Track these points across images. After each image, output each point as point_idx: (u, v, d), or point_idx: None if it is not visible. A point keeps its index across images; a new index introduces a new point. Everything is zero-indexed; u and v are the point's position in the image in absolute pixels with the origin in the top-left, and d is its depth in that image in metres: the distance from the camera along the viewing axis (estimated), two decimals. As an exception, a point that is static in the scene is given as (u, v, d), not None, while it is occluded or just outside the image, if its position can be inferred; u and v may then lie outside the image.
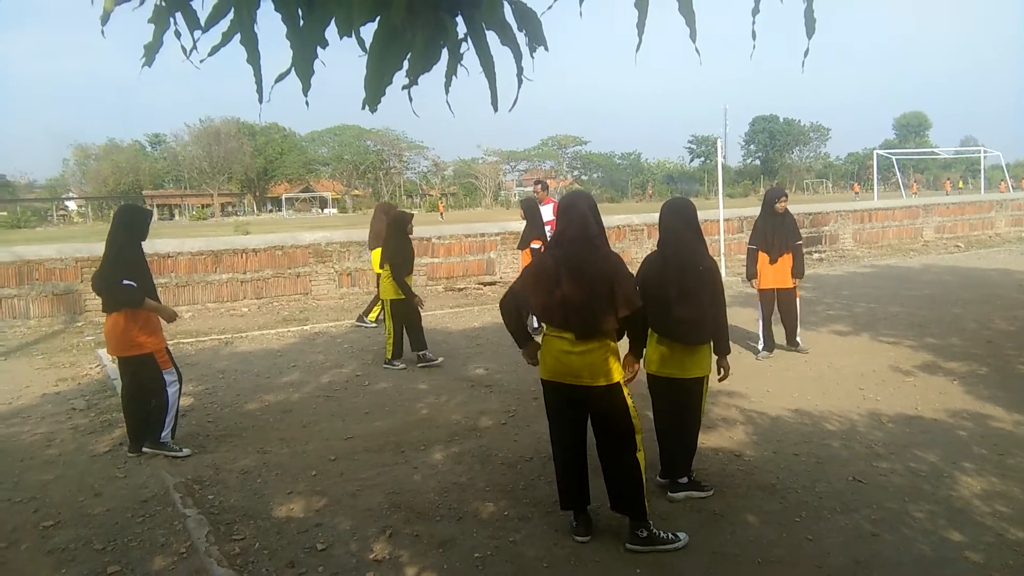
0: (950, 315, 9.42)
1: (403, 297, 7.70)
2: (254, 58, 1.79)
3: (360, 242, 12.65)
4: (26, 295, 10.50)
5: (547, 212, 9.90)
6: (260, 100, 1.83)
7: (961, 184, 57.17)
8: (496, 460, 5.00)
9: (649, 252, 4.48)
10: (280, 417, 6.14)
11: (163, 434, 5.24)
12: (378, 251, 9.90)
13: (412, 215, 8.22)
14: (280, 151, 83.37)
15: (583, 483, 3.91)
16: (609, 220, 15.56)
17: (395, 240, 7.79)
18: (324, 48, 1.83)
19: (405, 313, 7.76)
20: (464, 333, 9.55)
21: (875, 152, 35.50)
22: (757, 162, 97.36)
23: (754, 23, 1.79)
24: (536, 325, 7.21)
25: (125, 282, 5.04)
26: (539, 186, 10.54)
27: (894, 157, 43.66)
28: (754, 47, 1.84)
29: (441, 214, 53.60)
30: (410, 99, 1.88)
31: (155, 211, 70.37)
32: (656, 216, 4.46)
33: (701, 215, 4.66)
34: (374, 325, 10.01)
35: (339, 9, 1.75)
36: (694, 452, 4.42)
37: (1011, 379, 6.43)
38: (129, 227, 5.21)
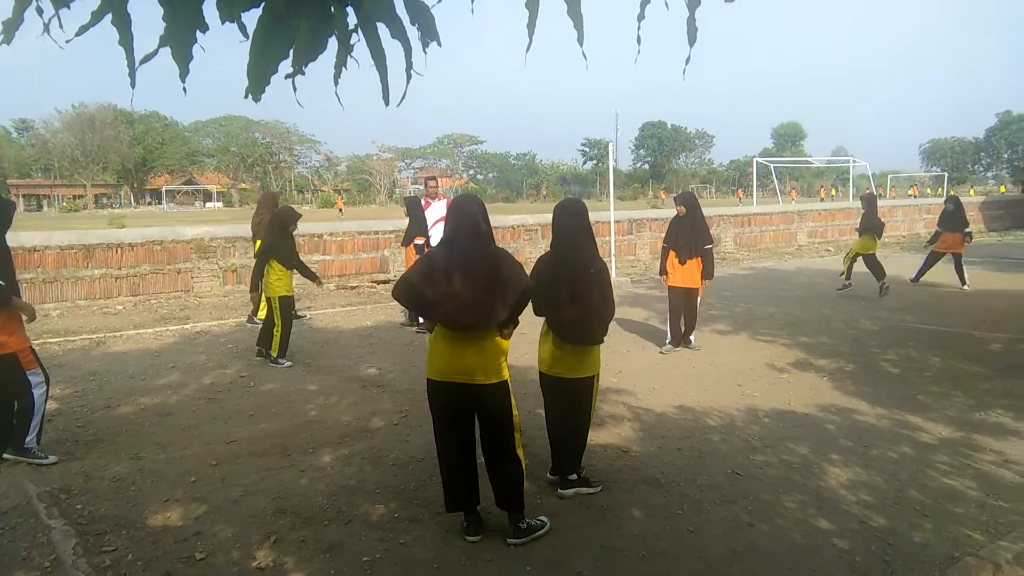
0: (820, 315, 10.02)
1: (291, 294, 7.51)
2: (126, 40, 1.67)
3: (247, 237, 12.19)
4: None
5: (440, 208, 9.91)
6: (132, 85, 1.72)
7: (834, 192, 60.94)
8: (387, 461, 4.93)
9: (543, 252, 4.54)
10: (157, 421, 5.83)
11: (27, 439, 4.86)
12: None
13: (299, 215, 8.00)
14: (161, 141, 79.34)
15: (472, 483, 3.91)
16: (504, 220, 15.69)
17: (275, 236, 7.60)
18: (204, 32, 1.74)
19: (290, 310, 7.59)
20: (356, 332, 9.38)
21: (755, 160, 37.33)
22: (647, 166, 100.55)
23: (639, 28, 1.83)
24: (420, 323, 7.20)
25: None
26: (432, 182, 10.54)
27: (772, 165, 46.15)
28: (639, 52, 1.88)
29: (340, 210, 52.43)
30: (294, 89, 1.82)
31: (20, 201, 65.60)
32: (550, 216, 4.52)
33: (593, 216, 4.75)
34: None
35: None
36: (583, 449, 4.50)
37: (875, 375, 6.89)
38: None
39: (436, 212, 10.09)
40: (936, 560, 3.52)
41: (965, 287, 12.39)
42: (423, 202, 10.40)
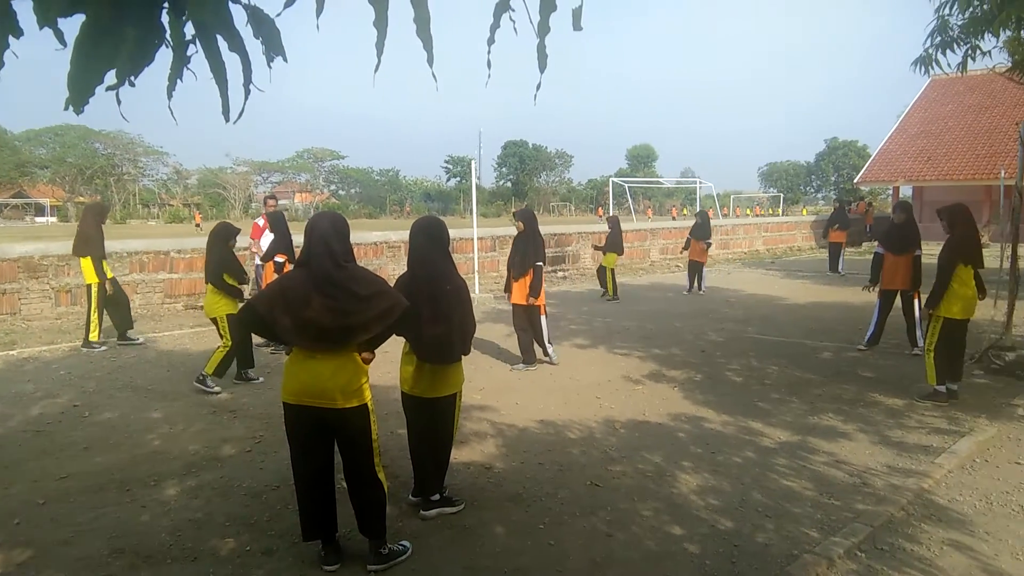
0: (672, 328, 10.51)
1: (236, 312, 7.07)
2: None
3: (83, 255, 11.30)
4: None
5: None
6: None
7: (685, 211, 64.55)
8: (239, 491, 4.68)
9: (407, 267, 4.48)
10: (-26, 459, 5.25)
11: None
12: (87, 260, 8.93)
13: (238, 229, 7.67)
14: (-15, 150, 72.31)
15: (330, 511, 3.77)
16: (367, 236, 15.44)
17: (220, 253, 7.25)
18: (18, 38, 1.59)
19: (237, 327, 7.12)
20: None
21: (611, 179, 38.83)
22: (509, 184, 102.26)
23: (489, 52, 1.85)
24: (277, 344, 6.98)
25: None
26: (271, 200, 10.30)
27: (626, 184, 48.20)
28: (488, 76, 1.90)
29: (198, 225, 49.67)
30: (118, 101, 1.70)
31: None
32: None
33: (456, 233, 4.76)
34: (102, 348, 8.99)
35: None
36: (446, 468, 4.46)
37: (721, 384, 7.30)
38: None
39: (269, 233, 9.80)
40: (778, 559, 3.74)
41: (698, 291, 14.60)
42: (262, 221, 10.15)
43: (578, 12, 1.79)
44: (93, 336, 9.06)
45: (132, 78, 1.70)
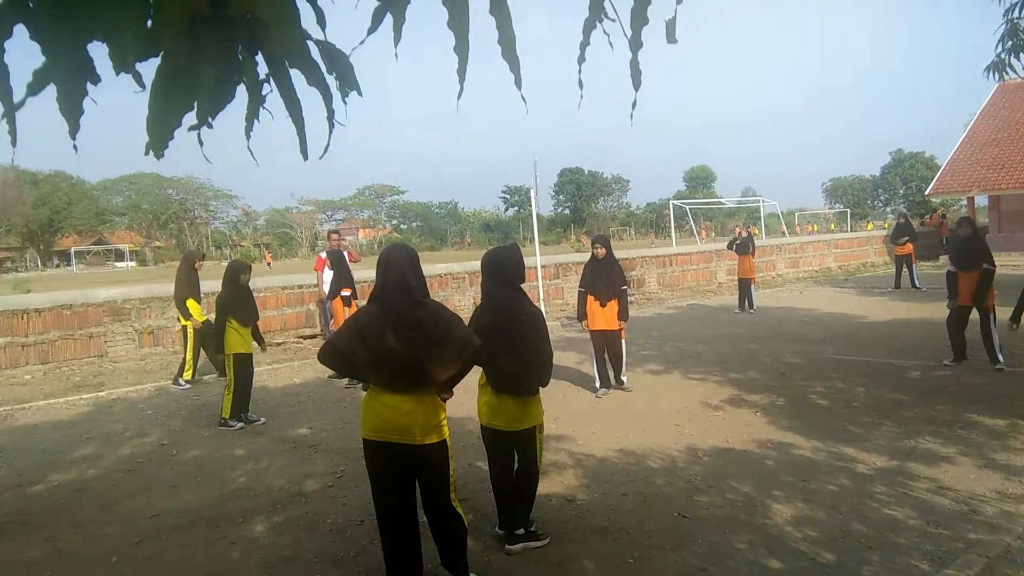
0: (747, 351, 10.25)
1: (248, 352, 7.33)
2: (3, 92, 1.53)
3: (163, 297, 11.73)
4: None
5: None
6: (13, 142, 1.57)
7: (756, 231, 63.32)
8: (324, 527, 4.70)
9: (473, 300, 4.48)
10: (73, 497, 5.43)
11: None
12: (184, 303, 9.35)
13: (249, 266, 7.83)
14: (67, 201, 76.11)
15: (415, 547, 3.74)
16: (431, 269, 15.58)
17: (228, 290, 7.36)
18: (95, 84, 1.60)
19: (246, 368, 7.38)
20: (284, 390, 9.05)
21: (671, 202, 38.52)
22: (567, 211, 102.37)
23: (580, 71, 1.82)
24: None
25: None
26: (335, 235, 10.82)
27: (687, 207, 47.72)
28: (581, 97, 1.87)
29: (269, 264, 51.39)
30: (200, 143, 1.71)
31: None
32: (477, 264, 4.48)
33: None
34: (188, 386, 9.29)
35: (110, 40, 1.53)
36: (532, 502, 4.39)
37: (805, 408, 7.05)
38: None
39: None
40: (884, 591, 3.55)
41: (749, 310, 14.69)
42: (324, 254, 10.75)
43: (671, 24, 1.74)
44: (187, 375, 9.40)
45: (211, 119, 1.71)
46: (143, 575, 4.12)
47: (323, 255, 11.13)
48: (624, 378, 8.16)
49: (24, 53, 1.81)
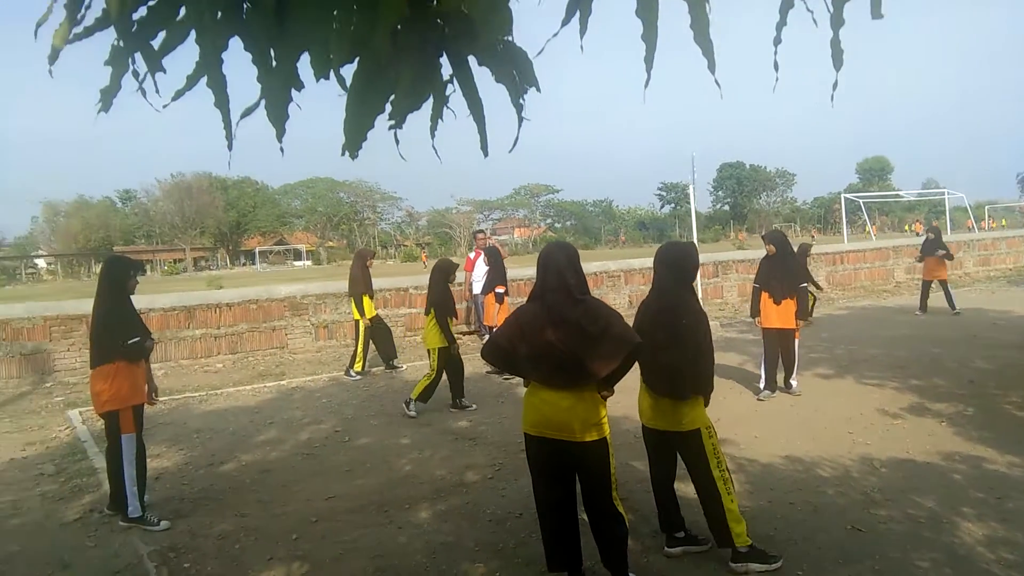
0: (929, 355, 9.44)
1: (448, 346, 7.71)
2: (222, 101, 1.67)
3: (336, 294, 12.50)
4: (-9, 356, 10.16)
5: (481, 262, 10.90)
6: (229, 147, 1.71)
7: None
8: (484, 517, 4.83)
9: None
10: (258, 477, 5.91)
11: (129, 509, 4.92)
12: (356, 298, 9.92)
13: (457, 265, 8.33)
14: (253, 204, 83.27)
15: (574, 543, 3.75)
16: (586, 267, 15.58)
17: (439, 287, 7.79)
18: (299, 90, 1.71)
19: (451, 359, 7.80)
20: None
21: (842, 195, 36.14)
22: (726, 207, 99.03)
23: (776, 53, 1.74)
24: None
25: (131, 341, 4.96)
26: (480, 234, 11.30)
27: (860, 200, 44.60)
28: (776, 79, 1.79)
29: (424, 263, 53.97)
30: (396, 141, 1.79)
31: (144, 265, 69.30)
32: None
33: None
34: (358, 377, 9.87)
35: (315, 48, 1.64)
36: (723, 518, 3.94)
37: (998, 419, 6.40)
38: (120, 280, 5.10)
39: (481, 266, 11.02)
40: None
41: (952, 312, 13.23)
42: (473, 254, 11.20)
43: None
44: (357, 367, 10.01)
45: (400, 120, 1.78)
46: (319, 552, 4.41)
47: (471, 255, 11.83)
48: (793, 381, 7.77)
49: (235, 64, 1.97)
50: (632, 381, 4.30)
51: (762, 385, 7.75)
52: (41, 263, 77.98)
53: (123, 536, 4.78)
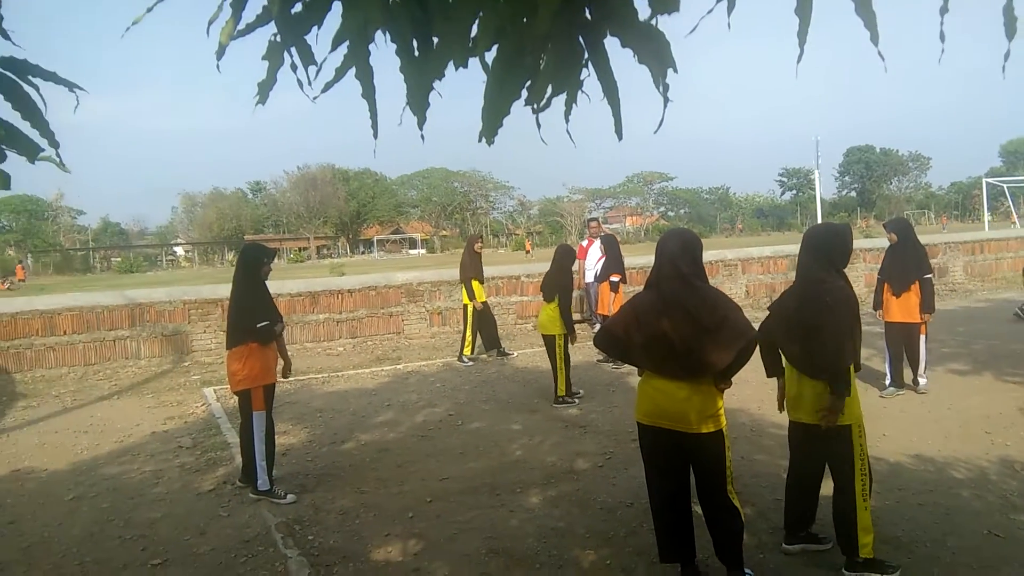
0: (1083, 352, 8.67)
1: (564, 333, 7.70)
2: (369, 92, 1.73)
3: (450, 281, 12.76)
4: (137, 336, 11.01)
5: (596, 250, 10.77)
6: (375, 135, 1.77)
7: None
8: (595, 505, 4.83)
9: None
10: (376, 457, 6.15)
11: (259, 482, 5.24)
12: (466, 283, 10.05)
13: (575, 250, 8.39)
14: (372, 195, 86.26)
15: (686, 535, 3.70)
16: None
17: (559, 276, 7.78)
18: (440, 80, 1.73)
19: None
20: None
21: (983, 180, 33.51)
22: (853, 194, 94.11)
23: (942, 23, 1.64)
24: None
25: (261, 324, 5.25)
26: (593, 223, 11.17)
27: (1004, 185, 41.22)
28: (942, 51, 1.69)
29: (528, 252, 54.25)
30: (538, 125, 1.79)
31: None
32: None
33: (796, 248, 4.34)
34: (470, 363, 10.06)
35: (457, 37, 1.67)
36: (854, 526, 3.73)
37: None
38: (254, 266, 5.40)
39: (594, 254, 10.87)
40: None
41: None
42: (586, 242, 11.10)
43: None
44: (467, 351, 10.21)
45: (546, 104, 1.78)
46: (434, 531, 4.55)
47: (583, 243, 11.82)
48: (921, 379, 7.30)
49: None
50: (746, 373, 4.18)
51: (887, 382, 7.34)
52: (179, 251, 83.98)
53: (253, 507, 5.10)
